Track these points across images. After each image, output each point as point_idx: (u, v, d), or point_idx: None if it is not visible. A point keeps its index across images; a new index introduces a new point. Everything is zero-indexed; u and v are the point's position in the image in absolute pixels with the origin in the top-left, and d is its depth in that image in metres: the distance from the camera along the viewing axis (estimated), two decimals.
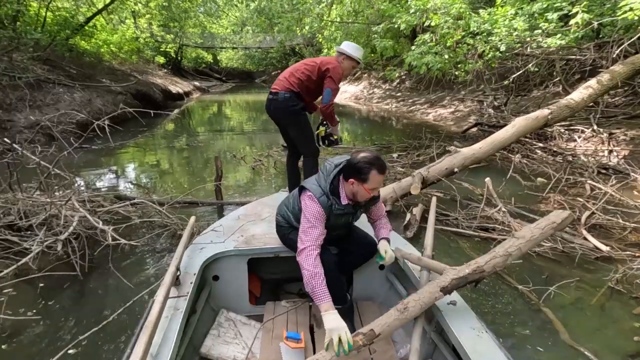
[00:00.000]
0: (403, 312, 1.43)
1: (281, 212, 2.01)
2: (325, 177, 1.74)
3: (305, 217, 1.68)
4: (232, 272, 2.04)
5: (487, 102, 9.38)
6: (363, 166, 1.61)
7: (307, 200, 1.71)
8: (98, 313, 2.33)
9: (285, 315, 2.03)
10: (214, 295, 2.03)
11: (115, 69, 14.25)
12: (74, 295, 2.52)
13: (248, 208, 2.63)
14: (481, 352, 1.30)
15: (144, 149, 7.56)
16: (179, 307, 1.54)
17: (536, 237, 1.72)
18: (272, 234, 2.13)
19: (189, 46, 25.87)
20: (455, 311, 1.53)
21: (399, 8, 7.61)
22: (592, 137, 6.05)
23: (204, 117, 14.11)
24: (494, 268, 1.58)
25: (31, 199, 3.05)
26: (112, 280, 2.66)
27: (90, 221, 2.73)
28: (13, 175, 3.33)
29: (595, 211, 3.48)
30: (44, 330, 2.18)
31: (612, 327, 2.16)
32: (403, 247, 2.00)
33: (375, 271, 2.17)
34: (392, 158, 5.84)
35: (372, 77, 17.47)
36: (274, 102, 2.76)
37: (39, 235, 2.56)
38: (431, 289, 1.50)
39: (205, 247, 2.02)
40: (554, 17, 5.46)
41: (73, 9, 12.68)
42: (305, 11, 10.36)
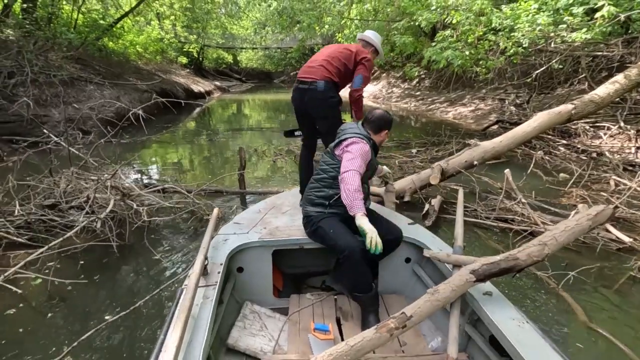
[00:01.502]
0: (434, 294, 1.39)
1: (318, 192, 2.02)
2: (359, 129, 2.02)
3: (350, 152, 1.89)
4: (257, 263, 2.04)
5: (509, 100, 9.25)
6: (391, 118, 2.10)
7: (357, 142, 1.93)
8: (132, 288, 2.50)
9: (311, 307, 2.02)
10: (238, 287, 2.03)
11: (141, 69, 14.79)
12: (111, 271, 2.71)
13: (267, 202, 2.62)
14: (524, 342, 1.24)
15: (168, 143, 7.85)
16: (208, 296, 1.55)
17: (571, 228, 1.58)
18: (295, 226, 2.14)
19: (211, 47, 26.46)
20: (491, 301, 1.47)
21: (419, 6, 7.62)
22: (619, 135, 5.91)
23: (225, 115, 14.43)
24: (529, 256, 1.48)
25: (71, 183, 3.27)
26: (142, 259, 2.85)
27: (126, 202, 2.92)
28: (52, 162, 3.59)
29: (619, 205, 3.43)
30: (84, 300, 2.37)
31: (634, 313, 2.16)
32: (429, 239, 1.99)
33: (401, 264, 2.15)
34: (411, 153, 5.88)
35: (391, 76, 17.43)
36: (310, 92, 2.44)
37: (81, 214, 2.76)
38: (461, 272, 1.47)
39: (229, 238, 2.02)
40: (579, 11, 5.37)
41: (102, 11, 13.25)
42: (326, 9, 10.44)
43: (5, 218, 2.90)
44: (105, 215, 2.79)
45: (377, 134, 2.06)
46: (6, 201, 3.18)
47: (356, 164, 1.85)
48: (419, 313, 1.35)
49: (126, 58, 14.07)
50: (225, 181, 4.51)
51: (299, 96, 2.54)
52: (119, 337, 2.04)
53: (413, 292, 2.06)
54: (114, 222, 3.00)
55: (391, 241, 1.96)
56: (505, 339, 1.29)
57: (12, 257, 2.51)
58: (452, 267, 1.70)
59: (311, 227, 1.98)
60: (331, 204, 1.98)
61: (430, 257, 1.79)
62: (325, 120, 2.53)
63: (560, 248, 1.56)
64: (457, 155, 4.07)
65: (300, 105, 2.56)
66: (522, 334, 1.29)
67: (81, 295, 2.41)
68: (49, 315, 2.22)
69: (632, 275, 2.46)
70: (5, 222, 2.84)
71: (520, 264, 1.48)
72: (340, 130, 2.11)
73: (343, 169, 1.86)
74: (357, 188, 1.78)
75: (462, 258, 1.65)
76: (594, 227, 1.63)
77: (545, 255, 1.50)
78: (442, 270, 1.85)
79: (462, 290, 1.45)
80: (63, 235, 2.54)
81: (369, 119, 2.07)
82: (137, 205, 3.02)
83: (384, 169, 2.46)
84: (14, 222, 2.94)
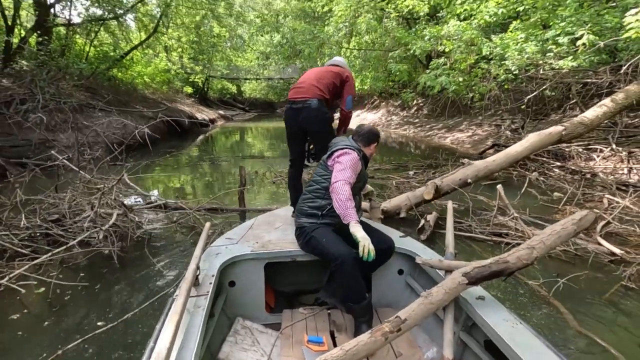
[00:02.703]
0: (427, 297, 1.40)
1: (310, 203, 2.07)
2: (350, 141, 2.15)
3: (340, 163, 1.98)
4: (249, 277, 2.01)
5: (505, 126, 9.49)
6: (379, 132, 2.26)
7: (347, 153, 2.03)
8: (129, 297, 2.54)
9: (304, 322, 1.98)
10: (229, 302, 1.99)
11: (148, 97, 15.30)
12: (110, 281, 2.76)
13: (260, 218, 2.62)
14: (519, 342, 1.26)
15: (172, 166, 8.03)
16: (199, 305, 1.52)
17: (557, 232, 1.64)
18: (288, 239, 2.14)
19: (215, 77, 27.44)
20: (485, 305, 1.49)
21: (414, 36, 8.03)
22: (611, 156, 6.04)
23: (227, 142, 14.76)
24: (518, 260, 1.52)
25: (77, 199, 3.38)
26: (142, 271, 2.89)
27: (128, 216, 3.01)
28: (59, 179, 3.72)
29: (612, 220, 3.49)
30: (81, 309, 2.41)
31: (625, 320, 2.18)
32: (421, 250, 2.02)
33: (394, 276, 2.14)
34: (408, 175, 6.00)
35: (390, 104, 17.91)
36: (305, 110, 2.56)
37: (84, 226, 2.85)
38: (453, 275, 1.49)
39: (221, 251, 2.00)
40: (564, 41, 5.67)
41: (113, 44, 13.94)
42: (325, 39, 10.96)
43: (10, 231, 2.99)
44: (108, 228, 2.87)
45: (367, 146, 2.17)
46: (11, 216, 3.28)
47: (346, 175, 1.91)
48: (413, 316, 1.36)
49: (134, 87, 14.61)
50: (226, 199, 4.61)
51: (293, 115, 2.65)
52: (111, 345, 2.05)
53: (407, 304, 2.04)
54: (116, 236, 3.08)
55: (384, 251, 1.96)
56: (501, 341, 1.30)
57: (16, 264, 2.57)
58: (444, 275, 1.72)
59: (304, 237, 1.99)
60: (324, 214, 2.01)
61: (422, 263, 1.81)
62: (319, 134, 2.66)
63: (547, 252, 1.61)
64: (452, 173, 4.18)
65: (295, 123, 2.68)
66: (517, 334, 1.30)
67: (79, 303, 2.45)
68: (46, 323, 2.25)
69: (623, 284, 2.49)
70: (9, 235, 2.92)
71: (510, 267, 1.52)
72: (332, 143, 2.23)
73: (333, 179, 1.91)
74: (348, 197, 1.83)
75: (454, 263, 1.69)
76: (579, 232, 1.71)
77: (534, 258, 1.54)
78: (435, 280, 1.83)
79: (455, 293, 1.48)
80: (69, 249, 2.61)
81: (359, 133, 2.19)
82: (138, 219, 3.11)
83: (368, 187, 2.52)
84: (19, 235, 3.02)
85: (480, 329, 1.46)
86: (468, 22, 6.84)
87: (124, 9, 13.28)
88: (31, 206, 3.34)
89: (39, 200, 3.37)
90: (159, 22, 14.91)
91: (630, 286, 2.46)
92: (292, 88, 2.72)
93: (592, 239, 3.19)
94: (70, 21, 12.02)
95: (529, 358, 1.18)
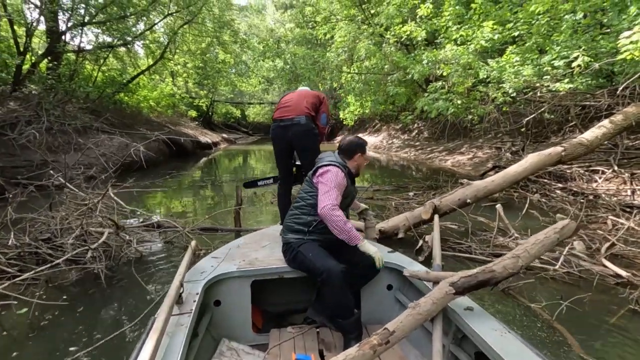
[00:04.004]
0: (415, 307, 1.40)
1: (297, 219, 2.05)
2: (335, 157, 2.11)
3: (323, 183, 1.94)
4: (235, 296, 1.95)
5: (505, 148, 9.51)
6: (361, 141, 2.18)
7: (333, 169, 1.99)
8: (112, 319, 2.45)
9: (292, 341, 1.93)
10: (215, 323, 1.92)
11: (152, 120, 15.57)
12: (96, 302, 2.67)
13: (247, 237, 2.59)
14: (509, 351, 1.25)
15: (171, 187, 8.01)
16: (182, 323, 1.47)
17: (541, 241, 1.69)
18: (275, 256, 2.11)
19: (220, 102, 28.02)
20: (473, 315, 1.49)
21: (412, 61, 8.19)
22: (614, 178, 5.96)
23: (230, 165, 14.83)
24: (504, 269, 1.55)
25: (69, 217, 3.34)
26: (130, 292, 2.80)
27: (120, 235, 2.95)
28: (54, 198, 3.70)
29: (616, 242, 3.39)
30: (60, 332, 2.31)
31: (633, 347, 2.05)
32: (408, 264, 1.99)
33: (383, 292, 2.11)
34: (408, 196, 5.93)
35: (391, 128, 18.08)
36: (294, 127, 2.70)
37: (70, 244, 2.79)
38: (441, 285, 1.49)
39: (207, 270, 1.94)
40: (560, 64, 5.74)
41: (120, 69, 14.35)
42: (324, 63, 11.23)
43: None
44: (97, 247, 2.81)
45: (351, 158, 2.15)
46: (2, 235, 3.23)
47: (332, 197, 1.89)
48: (402, 328, 1.33)
49: (139, 110, 14.90)
50: (222, 219, 4.55)
51: (282, 133, 2.79)
52: None
53: None
54: (107, 255, 3.01)
55: (373, 266, 1.92)
56: (491, 351, 1.29)
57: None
58: (432, 286, 1.69)
59: (291, 253, 1.97)
60: (311, 230, 1.99)
61: (410, 276, 1.78)
62: (308, 150, 2.78)
63: (532, 260, 1.60)
64: (451, 194, 4.11)
65: (283, 141, 2.82)
66: (507, 343, 1.30)
67: (60, 325, 2.36)
68: (22, 345, 2.16)
69: (631, 308, 2.36)
70: None
71: (496, 276, 1.53)
72: (318, 159, 2.20)
73: (319, 205, 1.89)
74: (343, 221, 1.85)
75: (441, 274, 1.66)
76: (562, 240, 1.72)
77: (519, 267, 1.54)
78: (424, 294, 1.76)
79: (443, 303, 1.46)
80: (54, 267, 2.55)
81: (341, 147, 2.17)
82: (130, 238, 3.05)
83: (361, 205, 2.48)
84: (8, 254, 2.96)
85: (470, 341, 1.44)
86: (465, 47, 6.98)
87: (132, 36, 13.76)
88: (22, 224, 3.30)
89: (30, 218, 3.33)
90: (165, 48, 15.39)
91: (638, 310, 2.34)
92: (277, 109, 2.84)
93: (596, 261, 3.08)
94: (80, 47, 12.43)
95: None
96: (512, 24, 6.83)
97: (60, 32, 11.34)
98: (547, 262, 3.06)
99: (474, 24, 7.27)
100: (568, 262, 3.03)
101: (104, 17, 12.35)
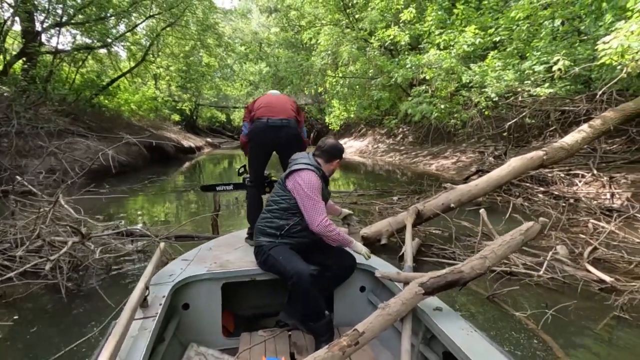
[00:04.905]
0: (385, 308, 1.41)
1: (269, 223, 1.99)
2: (309, 159, 2.04)
3: (306, 195, 1.90)
4: (205, 299, 1.89)
5: (488, 152, 9.61)
6: (342, 148, 2.17)
7: (307, 174, 1.94)
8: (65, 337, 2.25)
9: (263, 344, 1.88)
10: (183, 327, 1.86)
11: (133, 124, 15.14)
12: (53, 318, 2.46)
13: (220, 240, 2.55)
14: (474, 349, 1.28)
15: (150, 193, 7.73)
16: (146, 327, 1.41)
17: (507, 242, 1.78)
18: (247, 259, 2.05)
19: (204, 106, 27.60)
20: (442, 315, 1.52)
21: (396, 65, 8.20)
22: (593, 182, 6.04)
23: (215, 169, 14.57)
24: (472, 269, 1.59)
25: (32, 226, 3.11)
26: (93, 306, 2.60)
27: (85, 244, 2.76)
28: (16, 205, 3.46)
29: (598, 246, 3.37)
30: (15, 350, 2.11)
31: (619, 355, 1.99)
32: (381, 266, 1.98)
33: (356, 294, 2.10)
34: (392, 200, 5.86)
35: (376, 133, 18.14)
36: (287, 129, 2.52)
37: (26, 255, 2.58)
38: (410, 286, 1.51)
39: (175, 273, 1.87)
40: (540, 69, 5.80)
41: (98, 71, 13.93)
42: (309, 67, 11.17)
43: None
44: (58, 258, 2.61)
45: (329, 162, 2.09)
46: None
47: (320, 210, 1.92)
48: (371, 328, 1.34)
49: (118, 114, 14.48)
50: (199, 226, 4.36)
51: (273, 133, 2.51)
52: None
53: None
54: (71, 266, 2.81)
55: (346, 267, 2.01)
56: (458, 350, 1.30)
57: None
58: (403, 287, 1.68)
59: (262, 256, 1.94)
60: (282, 234, 1.96)
61: (381, 277, 1.78)
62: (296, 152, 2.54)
63: (499, 261, 1.71)
64: (434, 198, 4.05)
65: (270, 142, 2.55)
66: (472, 342, 1.33)
67: (9, 346, 2.15)
68: None
69: (615, 315, 2.31)
70: None
71: (464, 276, 1.56)
72: (291, 160, 2.11)
73: (312, 223, 1.89)
74: (337, 232, 1.90)
75: (411, 275, 1.68)
76: (527, 241, 1.83)
77: (486, 267, 1.62)
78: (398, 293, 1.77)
79: (413, 304, 1.47)
80: (7, 281, 2.34)
81: (322, 148, 2.09)
82: (96, 247, 2.85)
83: (344, 211, 2.40)
84: None
85: (439, 341, 1.47)
86: (447, 52, 7.01)
87: (112, 38, 13.40)
88: None
89: None
90: (147, 51, 15.05)
91: (624, 317, 2.29)
92: (258, 108, 2.57)
93: (580, 266, 3.05)
94: (57, 49, 12.02)
95: None
96: (494, 29, 6.91)
97: (35, 32, 10.94)
98: (531, 267, 3.01)
99: (456, 29, 7.32)
100: (552, 267, 2.98)
101: (82, 17, 11.99)
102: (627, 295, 2.43)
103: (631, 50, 4.01)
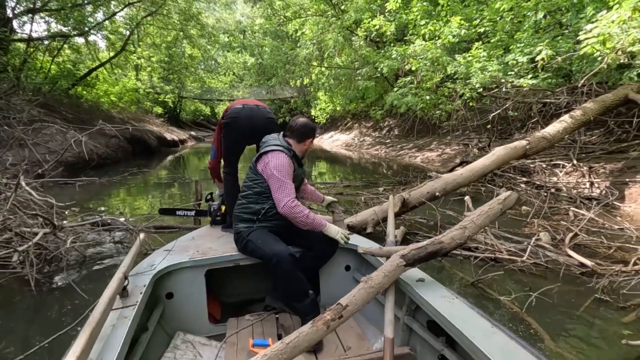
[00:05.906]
0: (367, 281, 1.41)
1: (245, 209, 1.97)
2: (279, 141, 1.97)
3: (273, 175, 1.83)
4: (189, 287, 1.86)
5: (472, 144, 9.73)
6: (314, 126, 2.08)
7: (276, 155, 1.87)
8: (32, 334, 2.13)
9: (250, 328, 1.88)
10: (168, 317, 1.82)
11: (113, 116, 14.66)
12: (18, 313, 2.33)
13: (202, 230, 2.50)
14: (457, 315, 1.30)
15: (131, 185, 7.51)
16: (126, 316, 1.36)
17: (486, 212, 1.80)
18: (230, 245, 2.03)
19: (188, 98, 27.02)
20: (424, 286, 1.54)
21: (381, 56, 8.16)
22: (573, 172, 6.17)
23: (200, 163, 14.27)
24: (452, 240, 1.62)
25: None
26: (64, 299, 2.48)
27: (57, 235, 2.62)
28: None
29: (579, 232, 3.43)
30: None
31: (601, 335, 2.01)
32: (365, 243, 1.99)
33: (341, 273, 2.11)
34: (378, 191, 5.85)
35: (363, 126, 18.13)
36: (267, 112, 2.41)
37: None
38: (392, 258, 1.51)
39: (156, 262, 1.82)
40: (523, 60, 5.85)
41: (74, 61, 13.38)
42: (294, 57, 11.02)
43: None
44: (26, 249, 2.47)
45: (301, 142, 2.03)
46: None
47: (286, 190, 1.86)
48: (354, 302, 1.35)
49: (97, 106, 13.99)
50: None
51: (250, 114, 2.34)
52: None
53: None
54: (41, 258, 2.66)
55: (328, 246, 1.97)
56: (441, 317, 1.32)
57: None
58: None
59: (241, 242, 1.91)
60: (259, 218, 1.94)
61: (364, 252, 1.79)
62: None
63: (478, 230, 1.74)
64: (419, 187, 4.04)
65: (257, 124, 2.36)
66: (454, 309, 1.35)
67: None
68: None
69: (597, 297, 2.34)
70: None
71: (445, 247, 1.58)
72: (261, 143, 2.05)
73: (278, 203, 1.84)
74: (305, 214, 1.82)
75: (393, 248, 1.68)
76: (505, 210, 1.84)
77: (466, 237, 1.66)
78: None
79: (395, 276, 1.48)
80: None
81: (292, 128, 2.01)
82: (69, 239, 2.71)
83: (327, 198, 2.33)
84: None
85: (423, 311, 1.49)
86: (433, 42, 7.00)
87: (89, 27, 12.89)
88: None
89: None
90: (127, 41, 14.56)
91: (604, 298, 2.32)
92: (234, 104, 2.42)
93: (562, 251, 3.08)
94: (30, 37, 11.49)
95: (466, 329, 1.22)
96: (478, 21, 6.93)
97: (6, 18, 10.41)
98: (515, 253, 3.03)
99: (441, 20, 7.31)
100: (535, 253, 3.01)
101: (57, 4, 11.48)
102: (607, 278, 2.47)
103: (612, 39, 4.06)
